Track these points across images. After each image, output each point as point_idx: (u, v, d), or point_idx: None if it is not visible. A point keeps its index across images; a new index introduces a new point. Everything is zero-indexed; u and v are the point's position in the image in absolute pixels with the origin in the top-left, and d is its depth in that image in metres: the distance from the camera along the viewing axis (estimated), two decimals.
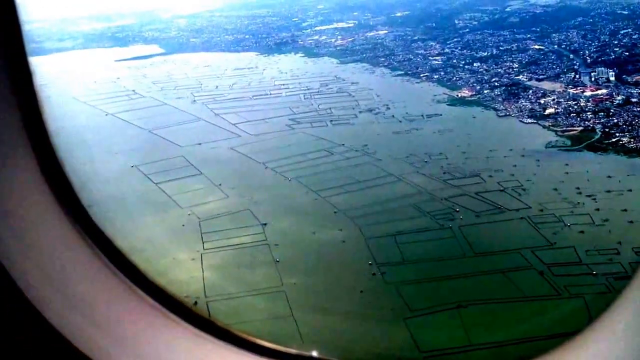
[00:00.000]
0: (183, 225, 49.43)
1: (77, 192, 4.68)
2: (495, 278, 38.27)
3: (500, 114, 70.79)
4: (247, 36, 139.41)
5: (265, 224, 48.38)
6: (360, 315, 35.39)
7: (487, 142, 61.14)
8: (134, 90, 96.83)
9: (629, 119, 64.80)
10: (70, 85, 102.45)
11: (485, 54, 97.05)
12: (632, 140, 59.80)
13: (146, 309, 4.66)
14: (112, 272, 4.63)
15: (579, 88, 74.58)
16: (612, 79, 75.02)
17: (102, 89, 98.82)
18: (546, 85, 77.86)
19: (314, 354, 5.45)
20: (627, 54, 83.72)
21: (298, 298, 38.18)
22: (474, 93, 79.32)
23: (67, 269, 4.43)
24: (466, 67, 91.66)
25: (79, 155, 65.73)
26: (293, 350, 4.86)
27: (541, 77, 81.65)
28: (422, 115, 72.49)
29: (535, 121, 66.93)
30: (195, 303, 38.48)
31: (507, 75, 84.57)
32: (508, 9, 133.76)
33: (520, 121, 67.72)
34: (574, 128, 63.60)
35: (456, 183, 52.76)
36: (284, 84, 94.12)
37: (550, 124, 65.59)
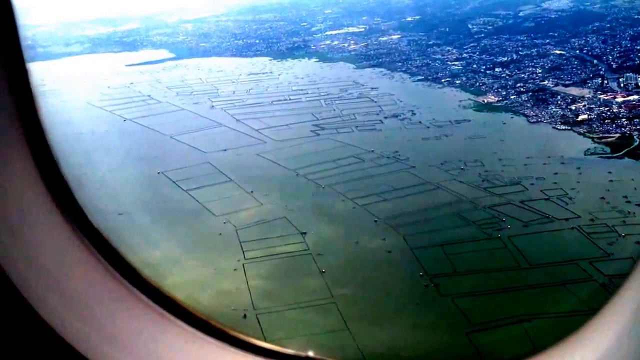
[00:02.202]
0: (220, 234, 48.21)
1: (74, 193, 4.61)
2: (556, 290, 37.08)
3: (532, 120, 69.69)
4: (257, 41, 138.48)
5: (304, 233, 47.13)
6: (419, 329, 34.17)
7: (522, 149, 59.96)
8: (149, 96, 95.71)
9: None
10: (84, 90, 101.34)
11: (505, 59, 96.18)
12: None
13: (144, 310, 4.62)
14: (110, 272, 4.59)
15: (609, 94, 73.56)
16: None
17: (116, 94, 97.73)
18: (574, 91, 76.84)
19: (310, 354, 4.90)
20: None
21: (351, 310, 36.98)
22: (500, 99, 78.32)
23: (64, 270, 4.41)
24: (488, 72, 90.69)
25: (103, 162, 64.87)
26: (290, 351, 4.87)
27: (567, 82, 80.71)
28: (450, 121, 71.35)
29: (569, 128, 65.84)
30: (245, 316, 37.37)
31: (531, 81, 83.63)
32: (521, 14, 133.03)
33: (554, 128, 66.59)
34: (611, 135, 62.53)
35: (498, 191, 51.59)
36: (302, 89, 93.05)
37: (585, 130, 64.50)
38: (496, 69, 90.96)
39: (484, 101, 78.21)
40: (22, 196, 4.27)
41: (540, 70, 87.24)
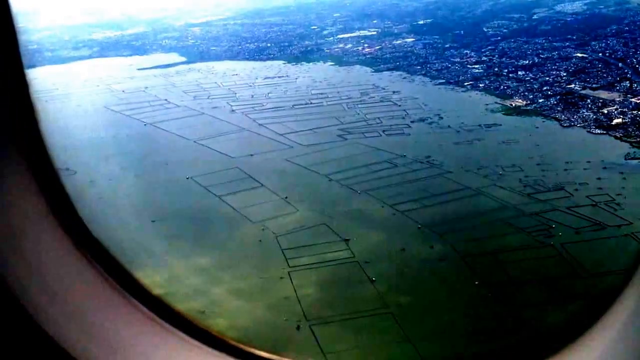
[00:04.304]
0: (260, 241, 47.08)
1: (72, 202, 4.59)
2: None
3: (565, 124, 68.62)
4: (268, 44, 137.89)
5: (347, 240, 45.96)
6: (490, 341, 32.86)
7: (560, 154, 58.92)
8: (166, 100, 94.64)
9: None
10: (99, 94, 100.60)
11: (527, 62, 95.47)
12: None
13: (142, 319, 4.62)
14: (109, 282, 4.59)
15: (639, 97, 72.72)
16: None
17: (132, 98, 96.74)
18: (602, 94, 75.95)
19: None
20: None
21: (409, 321, 35.75)
22: (528, 102, 77.37)
23: (63, 280, 4.39)
24: (511, 75, 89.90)
25: (130, 167, 63.78)
26: None
27: (594, 85, 79.80)
28: (479, 125, 70.38)
29: (604, 132, 64.77)
30: (298, 328, 36.23)
31: (557, 84, 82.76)
32: (535, 17, 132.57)
33: (589, 132, 65.52)
34: None
35: (542, 197, 50.48)
36: (322, 93, 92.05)
37: (621, 134, 63.41)
38: (519, 72, 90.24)
39: (511, 105, 77.24)
40: (20, 206, 4.23)
41: (564, 74, 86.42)
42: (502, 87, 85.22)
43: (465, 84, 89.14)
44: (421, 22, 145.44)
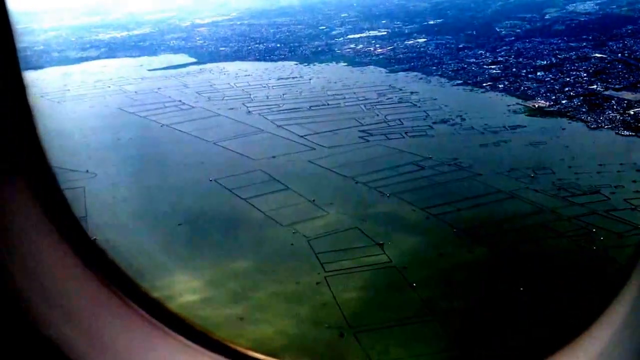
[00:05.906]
0: (292, 245, 46.17)
1: (69, 207, 4.55)
2: None
3: (592, 126, 67.55)
4: (278, 45, 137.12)
5: (382, 244, 44.98)
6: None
7: (591, 156, 57.89)
8: (180, 101, 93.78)
9: None
10: (111, 95, 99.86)
11: (545, 62, 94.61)
12: None
13: (140, 322, 4.59)
14: (106, 285, 4.54)
15: None
16: None
17: (146, 99, 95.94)
18: (626, 95, 75.06)
19: None
20: None
21: (455, 329, 34.76)
22: (551, 103, 76.33)
23: (61, 283, 4.36)
24: (530, 76, 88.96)
25: (150, 169, 62.97)
26: None
27: (617, 86, 78.82)
28: (504, 127, 69.38)
29: (633, 133, 63.77)
30: (341, 335, 35.25)
31: (579, 85, 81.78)
32: (547, 17, 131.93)
33: (617, 133, 64.51)
34: None
35: (578, 200, 49.42)
36: (338, 94, 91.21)
37: None
38: (538, 73, 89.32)
39: (534, 106, 76.23)
40: (16, 208, 4.18)
41: (585, 74, 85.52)
42: (522, 88, 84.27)
43: (484, 84, 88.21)
44: (431, 22, 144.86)
